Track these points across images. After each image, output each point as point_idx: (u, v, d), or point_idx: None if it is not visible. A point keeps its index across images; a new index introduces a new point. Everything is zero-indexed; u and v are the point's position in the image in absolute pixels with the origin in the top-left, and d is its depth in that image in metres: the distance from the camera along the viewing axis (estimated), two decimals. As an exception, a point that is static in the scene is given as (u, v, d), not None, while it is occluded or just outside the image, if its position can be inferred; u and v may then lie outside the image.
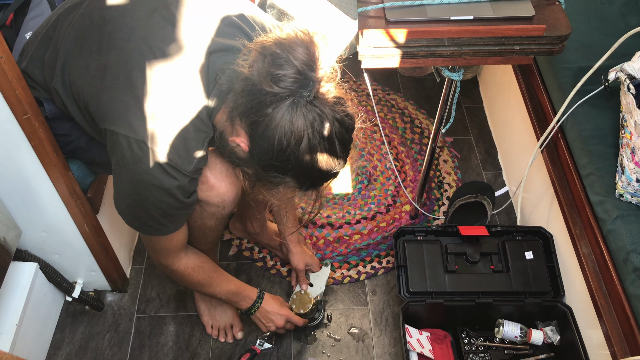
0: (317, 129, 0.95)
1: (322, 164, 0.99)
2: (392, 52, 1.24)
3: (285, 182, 1.03)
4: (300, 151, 0.96)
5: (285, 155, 0.96)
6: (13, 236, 1.28)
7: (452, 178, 1.96)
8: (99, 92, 1.02)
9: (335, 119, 0.96)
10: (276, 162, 0.98)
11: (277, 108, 0.94)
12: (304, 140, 0.95)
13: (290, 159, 0.97)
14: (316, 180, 1.04)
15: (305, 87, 0.94)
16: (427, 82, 2.27)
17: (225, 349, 1.55)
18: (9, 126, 1.10)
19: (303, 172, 1.00)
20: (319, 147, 0.97)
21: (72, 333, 1.56)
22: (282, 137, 0.95)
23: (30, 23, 1.30)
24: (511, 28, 1.20)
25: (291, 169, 0.99)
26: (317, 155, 0.97)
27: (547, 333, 1.46)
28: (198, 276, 1.31)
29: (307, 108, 0.94)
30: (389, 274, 1.72)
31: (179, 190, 1.06)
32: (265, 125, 0.95)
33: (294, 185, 1.04)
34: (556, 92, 1.49)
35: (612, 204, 1.27)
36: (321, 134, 0.96)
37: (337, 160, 1.01)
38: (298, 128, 0.94)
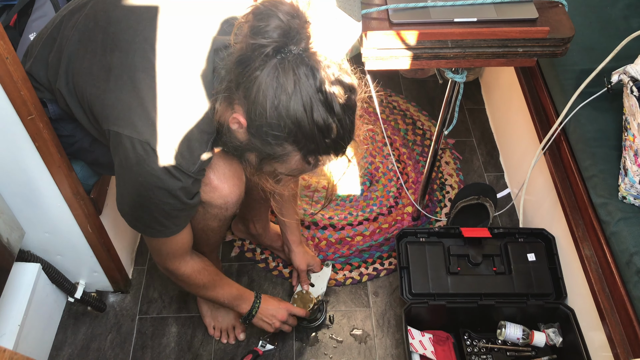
0: (308, 82, 0.91)
1: (320, 120, 0.93)
2: (396, 54, 1.24)
3: (287, 153, 0.98)
4: (293, 107, 0.91)
5: (279, 115, 0.92)
6: (16, 237, 1.28)
7: (454, 180, 1.96)
8: (102, 93, 1.02)
9: (330, 72, 0.92)
10: (272, 128, 0.94)
11: (265, 68, 0.91)
12: (295, 95, 0.91)
13: (285, 120, 0.92)
14: (319, 145, 0.96)
15: (292, 39, 0.91)
16: (429, 84, 2.27)
17: (227, 350, 1.55)
18: (14, 127, 1.10)
19: (302, 133, 0.94)
20: (312, 101, 0.91)
21: (75, 334, 1.56)
22: (273, 96, 0.91)
23: (34, 24, 1.31)
24: (514, 30, 1.20)
25: (289, 132, 0.94)
26: (313, 111, 0.92)
27: (549, 335, 1.46)
28: (203, 279, 1.31)
29: (296, 63, 0.91)
30: (391, 276, 1.72)
31: (182, 192, 1.06)
32: (256, 89, 0.92)
33: (297, 154, 0.98)
34: (559, 94, 1.50)
35: (615, 206, 1.27)
36: (313, 87, 0.91)
37: (337, 118, 0.94)
38: (287, 82, 0.90)
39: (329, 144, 0.97)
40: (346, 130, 0.97)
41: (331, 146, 0.97)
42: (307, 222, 1.82)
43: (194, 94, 1.02)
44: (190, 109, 1.02)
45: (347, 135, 0.98)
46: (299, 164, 1.00)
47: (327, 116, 0.93)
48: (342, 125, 0.96)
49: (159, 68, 1.01)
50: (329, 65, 0.94)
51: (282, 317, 1.47)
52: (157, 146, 1.00)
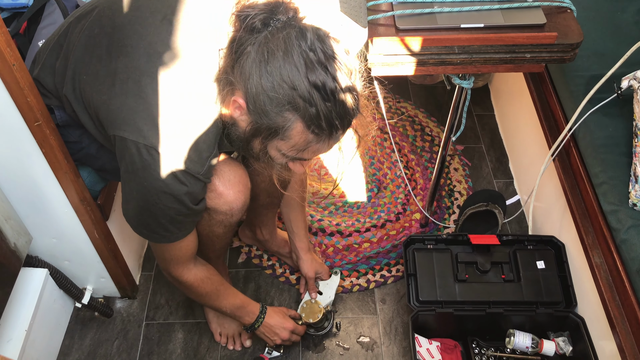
0: (298, 42, 0.88)
1: (315, 79, 0.88)
2: (402, 60, 1.23)
3: (289, 123, 0.93)
4: (286, 69, 0.88)
5: (274, 81, 0.89)
6: (23, 242, 1.29)
7: (462, 186, 1.94)
8: (108, 99, 1.03)
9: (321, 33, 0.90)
10: (270, 97, 0.90)
11: (255, 42, 0.90)
12: (287, 56, 0.88)
13: (281, 84, 0.89)
14: (319, 109, 0.91)
15: (278, 8, 0.90)
16: (437, 90, 2.26)
17: (233, 357, 1.54)
18: (21, 133, 1.11)
19: (299, 95, 0.89)
20: (306, 61, 0.88)
21: (81, 339, 1.56)
22: (265, 62, 0.89)
23: (44, 31, 1.32)
24: (522, 36, 1.19)
25: (284, 96, 0.90)
26: (307, 70, 0.88)
27: (559, 344, 1.44)
28: (206, 288, 1.31)
29: (285, 27, 0.90)
30: (399, 283, 1.71)
31: (188, 197, 1.06)
32: (249, 63, 0.90)
33: (298, 122, 0.92)
34: (568, 100, 1.48)
35: (625, 213, 1.25)
36: (304, 46, 0.88)
37: (334, 77, 0.90)
38: (277, 46, 0.88)
39: (330, 108, 0.91)
40: (347, 93, 0.92)
41: (332, 109, 0.92)
42: (315, 229, 1.81)
43: (200, 96, 1.02)
44: (196, 112, 1.02)
45: (349, 98, 0.93)
46: (302, 135, 0.94)
47: (324, 75, 0.89)
48: (340, 85, 0.91)
49: (164, 72, 1.01)
50: (319, 28, 0.92)
51: (284, 336, 1.47)
52: (163, 150, 1.00)
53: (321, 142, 0.97)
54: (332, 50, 0.91)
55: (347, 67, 0.92)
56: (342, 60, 0.92)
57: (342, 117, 0.94)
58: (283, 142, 0.97)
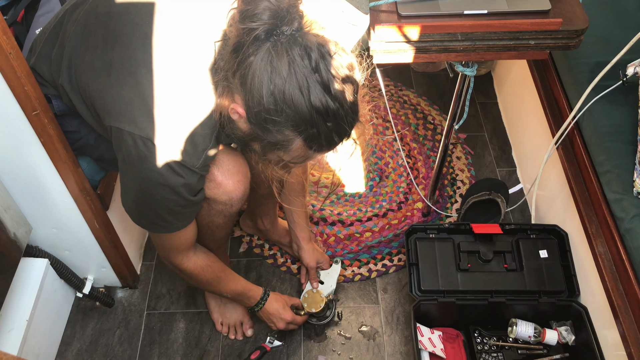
0: (303, 63, 0.87)
1: (317, 102, 0.89)
2: (405, 47, 1.21)
3: (289, 140, 0.94)
4: (289, 91, 0.87)
5: (276, 100, 0.89)
6: (23, 232, 1.28)
7: (465, 175, 1.93)
8: (104, 89, 1.02)
9: (325, 50, 0.89)
10: (271, 114, 0.90)
11: (258, 53, 0.89)
12: (290, 78, 0.87)
13: (282, 105, 0.89)
14: (320, 129, 0.91)
15: (282, 19, 0.88)
16: (440, 77, 2.24)
17: (235, 346, 1.54)
18: (19, 122, 1.10)
19: (300, 117, 0.90)
20: (309, 83, 0.88)
21: (83, 329, 1.57)
22: (268, 81, 0.88)
23: (41, 19, 1.30)
24: (526, 22, 1.17)
25: (287, 118, 0.90)
26: (310, 93, 0.88)
27: (561, 333, 1.44)
28: (207, 275, 1.31)
29: (289, 44, 0.88)
30: (401, 272, 1.70)
31: (185, 188, 1.05)
32: (251, 76, 0.89)
33: (298, 140, 0.94)
34: (572, 88, 1.46)
35: (629, 202, 1.24)
36: (309, 67, 0.88)
37: (336, 99, 0.90)
38: (281, 65, 0.87)
39: (330, 128, 0.92)
40: (348, 112, 0.92)
41: (333, 130, 0.93)
42: (316, 218, 1.80)
43: (196, 88, 1.01)
44: (192, 104, 1.01)
45: (349, 116, 0.93)
46: (302, 151, 0.96)
47: (326, 98, 0.89)
48: (342, 106, 0.91)
49: (160, 63, 0.99)
50: (324, 43, 0.90)
51: (280, 327, 1.48)
52: (159, 142, 0.99)
53: (320, 154, 0.99)
54: (335, 68, 0.90)
55: (350, 84, 0.92)
56: (344, 78, 0.91)
57: (342, 133, 0.95)
58: (283, 153, 0.98)
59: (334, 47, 0.91)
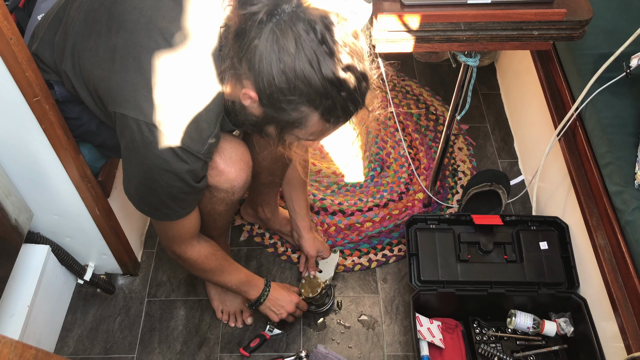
0: (309, 37, 0.88)
1: (329, 73, 0.89)
2: (407, 37, 1.21)
3: (305, 116, 0.94)
4: (299, 66, 0.88)
5: (288, 78, 0.89)
6: (25, 218, 1.28)
7: (466, 166, 1.93)
8: (108, 75, 1.01)
9: (329, 22, 0.89)
10: (284, 93, 0.91)
11: (262, 35, 0.89)
12: (298, 54, 0.88)
13: (294, 81, 0.89)
14: (335, 100, 0.92)
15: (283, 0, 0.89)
16: (443, 68, 2.23)
17: (235, 334, 1.55)
18: (20, 109, 1.10)
19: (315, 91, 0.90)
20: (318, 56, 0.88)
21: (84, 315, 1.57)
22: (277, 60, 0.88)
23: (43, 5, 1.29)
24: (530, 12, 1.17)
25: (301, 93, 0.91)
26: (320, 65, 0.89)
27: (560, 324, 1.44)
28: (210, 264, 1.31)
29: (292, 21, 0.88)
30: (400, 262, 1.70)
31: (190, 175, 1.05)
32: (258, 59, 0.89)
33: (314, 115, 0.94)
34: (575, 79, 1.46)
35: (631, 195, 1.24)
36: (315, 40, 0.88)
37: (347, 67, 0.90)
38: (288, 43, 0.88)
39: (345, 97, 0.93)
40: (360, 79, 0.93)
41: (348, 99, 0.93)
42: (317, 208, 1.80)
43: (201, 74, 1.01)
44: (197, 90, 1.01)
45: (361, 83, 0.94)
46: (319, 125, 0.97)
47: (336, 67, 0.90)
48: (354, 73, 0.92)
49: (164, 48, 0.99)
50: (326, 15, 0.90)
51: (290, 309, 1.47)
52: (165, 128, 0.99)
53: (337, 126, 1.00)
54: (341, 38, 0.90)
55: (357, 52, 0.93)
56: (352, 47, 0.91)
57: (357, 102, 0.95)
58: (300, 131, 0.99)
59: (336, 17, 0.91)
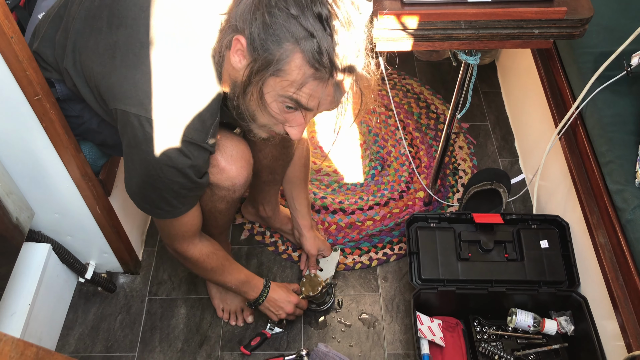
0: None
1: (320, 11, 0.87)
2: (408, 35, 1.21)
3: (288, 54, 0.90)
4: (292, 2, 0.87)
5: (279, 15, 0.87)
6: (26, 217, 1.29)
7: (467, 165, 1.93)
8: (109, 71, 1.01)
9: None
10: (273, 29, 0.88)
11: None
12: None
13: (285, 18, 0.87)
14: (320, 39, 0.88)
15: None
16: (444, 66, 2.23)
17: (235, 333, 1.55)
18: (20, 107, 1.10)
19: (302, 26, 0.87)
20: None
21: (85, 314, 1.58)
22: None
23: (43, 4, 1.30)
24: (530, 11, 1.17)
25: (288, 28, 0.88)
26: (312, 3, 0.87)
27: (561, 323, 1.44)
28: (212, 263, 1.31)
29: None
30: (401, 261, 1.70)
31: (192, 170, 1.05)
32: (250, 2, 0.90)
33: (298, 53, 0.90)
34: (576, 78, 1.46)
35: (631, 193, 1.24)
36: None
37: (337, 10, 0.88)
38: None
39: (331, 42, 0.88)
40: (351, 33, 0.90)
41: (335, 45, 0.89)
42: (317, 206, 1.80)
43: (201, 66, 1.00)
44: (199, 82, 1.01)
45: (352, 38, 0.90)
46: (301, 70, 0.91)
47: (330, 10, 0.87)
48: (345, 25, 0.89)
49: (164, 43, 0.99)
50: None
51: (289, 310, 1.47)
52: (166, 123, 0.99)
53: (320, 81, 0.92)
54: None
55: (353, 14, 0.90)
56: (349, 8, 0.90)
57: (344, 55, 0.91)
58: (280, 79, 0.93)
59: None
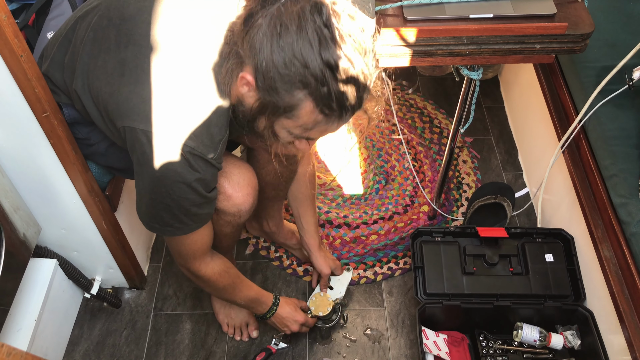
0: (312, 17, 0.85)
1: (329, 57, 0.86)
2: (410, 51, 1.22)
3: (298, 102, 0.90)
4: (299, 45, 0.85)
5: (286, 57, 0.86)
6: (33, 233, 1.30)
7: (471, 179, 1.93)
8: (117, 90, 1.02)
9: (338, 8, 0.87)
10: (280, 73, 0.88)
11: (267, 14, 0.87)
12: (300, 32, 0.85)
13: (292, 60, 0.86)
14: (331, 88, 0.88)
15: None
16: (446, 81, 2.24)
17: (240, 348, 1.55)
18: (29, 124, 1.11)
19: (311, 73, 0.87)
20: (320, 38, 0.85)
21: (90, 329, 1.58)
22: (278, 37, 0.86)
23: (52, 23, 1.32)
24: (532, 26, 1.18)
25: (295, 73, 0.87)
26: (321, 48, 0.85)
27: (567, 337, 1.43)
28: (224, 281, 1.29)
29: (300, 2, 0.86)
30: (406, 275, 1.70)
31: (200, 183, 1.04)
32: (260, 37, 0.87)
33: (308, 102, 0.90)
34: (578, 92, 1.46)
35: (635, 206, 1.24)
36: (319, 22, 0.85)
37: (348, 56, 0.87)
38: (291, 21, 0.85)
39: (342, 88, 0.89)
40: (360, 73, 0.89)
41: (345, 90, 0.89)
42: (322, 221, 1.81)
43: (210, 81, 1.00)
44: (207, 97, 1.00)
45: (361, 78, 0.90)
46: (312, 115, 0.92)
47: (337, 53, 0.86)
48: (354, 65, 0.88)
49: (173, 58, 0.99)
50: (335, 1, 0.88)
51: (294, 329, 1.47)
52: (174, 138, 0.98)
53: (330, 123, 0.95)
54: (348, 27, 0.88)
55: (362, 46, 0.89)
56: (357, 39, 0.88)
57: (354, 98, 0.92)
58: (291, 121, 0.95)
59: (346, 6, 0.89)
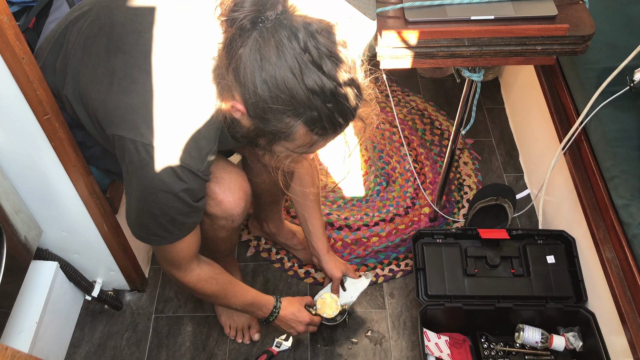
0: (291, 45, 0.84)
1: (312, 83, 0.85)
2: (411, 53, 1.22)
3: (290, 127, 0.90)
4: (281, 75, 0.85)
5: (270, 88, 0.86)
6: (34, 235, 1.30)
7: (472, 180, 1.93)
8: (106, 97, 1.00)
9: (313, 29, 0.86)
10: (267, 103, 0.87)
11: (246, 44, 0.86)
12: (280, 61, 0.85)
13: (276, 91, 0.86)
14: (321, 111, 0.88)
15: (265, 5, 0.85)
16: (447, 83, 2.24)
17: (242, 350, 1.55)
18: (30, 127, 1.11)
19: (298, 101, 0.87)
20: (300, 64, 0.84)
21: (92, 332, 1.58)
22: (259, 69, 0.85)
23: (51, 25, 1.31)
24: (533, 28, 1.18)
25: (283, 103, 0.87)
26: (303, 74, 0.85)
27: (569, 339, 1.43)
28: (211, 288, 1.27)
29: (275, 28, 0.85)
30: (407, 277, 1.70)
31: (187, 193, 1.03)
32: (243, 68, 0.87)
33: (301, 127, 0.90)
34: (579, 93, 1.46)
35: (637, 208, 1.24)
36: (297, 48, 0.85)
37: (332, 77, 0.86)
38: (269, 51, 0.85)
39: (331, 109, 0.88)
40: (348, 90, 0.89)
41: (335, 110, 0.89)
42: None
43: (199, 93, 0.99)
44: (196, 108, 1.00)
45: (350, 94, 0.89)
46: (306, 137, 0.92)
47: (320, 77, 0.85)
48: (340, 84, 0.87)
49: (161, 68, 0.99)
50: (311, 22, 0.87)
51: (300, 330, 1.45)
52: (162, 148, 0.98)
53: (327, 139, 0.95)
54: (326, 46, 0.87)
55: (345, 60, 0.88)
56: (339, 55, 0.87)
57: (345, 114, 0.91)
58: (288, 143, 0.95)
59: (322, 25, 0.88)
